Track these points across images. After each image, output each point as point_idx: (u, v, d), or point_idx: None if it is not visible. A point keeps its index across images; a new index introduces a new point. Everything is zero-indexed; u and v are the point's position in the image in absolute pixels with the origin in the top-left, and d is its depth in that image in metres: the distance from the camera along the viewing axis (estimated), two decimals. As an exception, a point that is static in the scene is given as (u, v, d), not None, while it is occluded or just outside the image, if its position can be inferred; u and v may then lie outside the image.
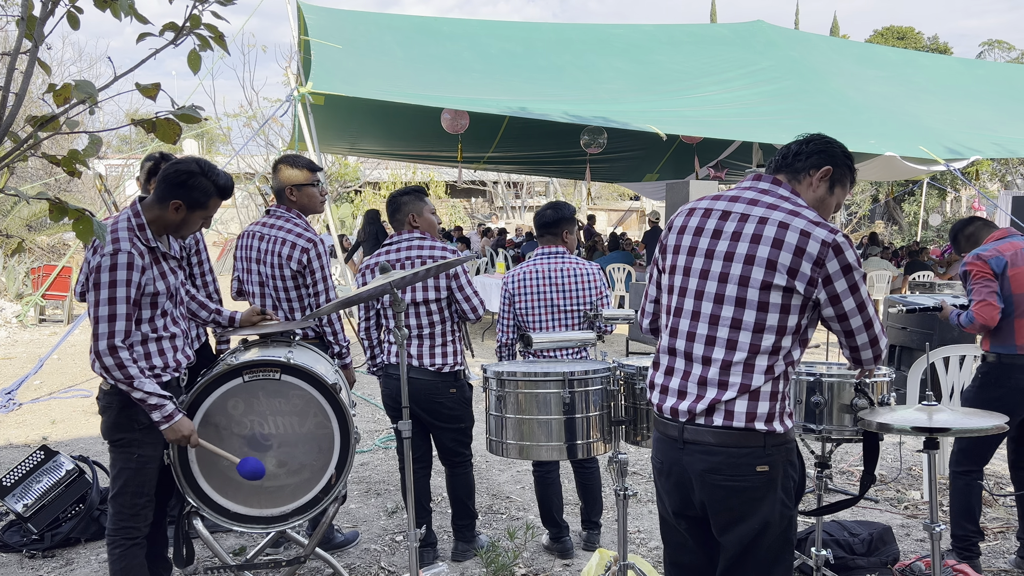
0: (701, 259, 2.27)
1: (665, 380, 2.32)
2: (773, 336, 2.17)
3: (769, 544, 2.22)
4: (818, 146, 2.33)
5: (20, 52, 1.81)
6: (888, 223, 27.47)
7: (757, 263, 2.17)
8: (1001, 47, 28.98)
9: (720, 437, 2.18)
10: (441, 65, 11.09)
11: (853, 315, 2.19)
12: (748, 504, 2.19)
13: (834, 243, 2.13)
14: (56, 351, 8.80)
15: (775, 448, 2.19)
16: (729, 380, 2.19)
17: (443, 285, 3.70)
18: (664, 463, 2.34)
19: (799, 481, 2.29)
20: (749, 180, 2.34)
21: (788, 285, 2.14)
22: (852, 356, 2.30)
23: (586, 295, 3.93)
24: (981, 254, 3.72)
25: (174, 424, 2.81)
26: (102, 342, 2.74)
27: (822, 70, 13.16)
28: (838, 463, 5.41)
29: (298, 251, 3.63)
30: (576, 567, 3.88)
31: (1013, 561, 3.89)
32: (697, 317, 2.26)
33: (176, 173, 2.89)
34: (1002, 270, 3.66)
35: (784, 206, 2.22)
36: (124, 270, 2.76)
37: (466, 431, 3.86)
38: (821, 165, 2.31)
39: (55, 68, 19.16)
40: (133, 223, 2.86)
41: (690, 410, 2.23)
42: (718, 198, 2.33)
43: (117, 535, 2.95)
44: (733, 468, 2.18)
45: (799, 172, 2.31)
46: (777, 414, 2.19)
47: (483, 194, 33.18)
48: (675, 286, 2.33)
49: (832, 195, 2.34)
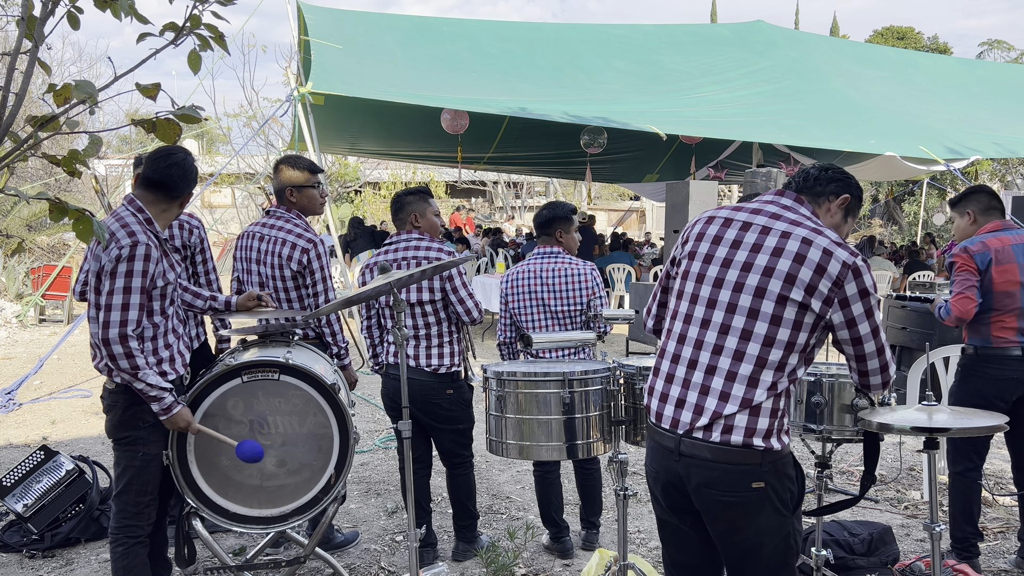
0: (717, 267, 2.27)
1: (665, 387, 2.31)
2: (781, 351, 2.16)
3: (770, 552, 2.23)
4: (837, 174, 2.39)
5: (20, 52, 1.81)
6: (888, 223, 27.48)
7: (776, 275, 2.17)
8: (1001, 47, 29.00)
9: (717, 453, 2.18)
10: (441, 65, 11.09)
11: (867, 340, 2.19)
12: (743, 517, 2.19)
13: (854, 266, 2.14)
14: (56, 351, 8.80)
15: (771, 464, 2.19)
16: (732, 392, 2.18)
17: (437, 287, 3.69)
18: (659, 472, 2.34)
19: (798, 491, 2.28)
20: (771, 195, 2.35)
21: (804, 301, 2.14)
22: (861, 380, 2.30)
23: (577, 296, 3.91)
24: (968, 247, 3.73)
25: (172, 416, 2.84)
26: (113, 330, 2.75)
27: (822, 70, 13.16)
28: (838, 463, 5.41)
29: (298, 251, 3.63)
30: (576, 567, 3.88)
31: (1013, 561, 3.89)
32: (707, 325, 2.25)
33: (189, 166, 2.97)
34: (986, 266, 3.68)
35: (807, 224, 2.23)
36: (141, 261, 2.79)
37: (465, 432, 3.86)
38: (840, 193, 2.36)
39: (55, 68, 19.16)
40: (139, 217, 2.89)
41: (690, 422, 2.22)
42: (739, 208, 2.34)
43: (120, 534, 2.96)
44: (728, 484, 2.18)
45: (819, 196, 2.35)
46: (775, 431, 2.19)
47: (483, 194, 33.18)
48: (686, 292, 2.33)
49: (846, 223, 2.40)
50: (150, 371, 2.80)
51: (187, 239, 3.74)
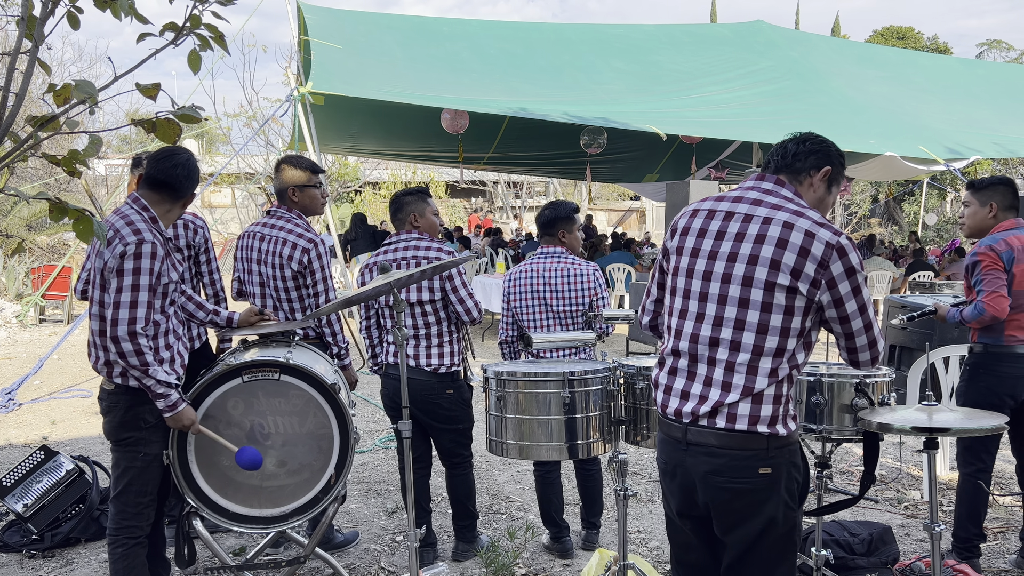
0: (704, 260, 2.27)
1: (669, 380, 2.32)
2: (777, 337, 2.16)
3: (771, 544, 2.22)
4: (815, 146, 2.33)
5: (20, 52, 1.81)
6: (888, 223, 27.47)
7: (760, 263, 2.16)
8: (1000, 47, 29.00)
9: (723, 439, 2.18)
10: (441, 65, 11.09)
11: (855, 317, 2.19)
12: (751, 506, 2.20)
13: (838, 245, 2.13)
14: (56, 351, 8.80)
15: (778, 450, 2.19)
16: (732, 382, 2.18)
17: (437, 286, 3.69)
18: (668, 463, 2.34)
19: (803, 482, 2.29)
20: (752, 180, 2.34)
21: (791, 285, 2.14)
22: (850, 357, 2.29)
23: (579, 295, 3.91)
24: (993, 246, 3.70)
25: (176, 413, 2.85)
26: (122, 327, 2.75)
27: (822, 70, 13.16)
28: (838, 463, 5.41)
29: (299, 251, 3.63)
30: (576, 567, 3.88)
31: (1013, 561, 3.89)
32: (701, 319, 2.25)
33: (192, 166, 2.99)
34: (1011, 264, 3.66)
35: (788, 207, 2.22)
36: (148, 259, 2.80)
37: (465, 432, 3.86)
38: (821, 166, 2.32)
39: (55, 68, 19.16)
40: (145, 216, 2.90)
41: (693, 412, 2.23)
42: (721, 199, 2.32)
43: (119, 534, 2.96)
44: (735, 470, 2.18)
45: (800, 173, 2.31)
46: (780, 417, 2.19)
47: (483, 194, 33.17)
48: (678, 287, 2.33)
49: (830, 194, 2.36)
50: (159, 368, 2.82)
51: (191, 239, 3.75)
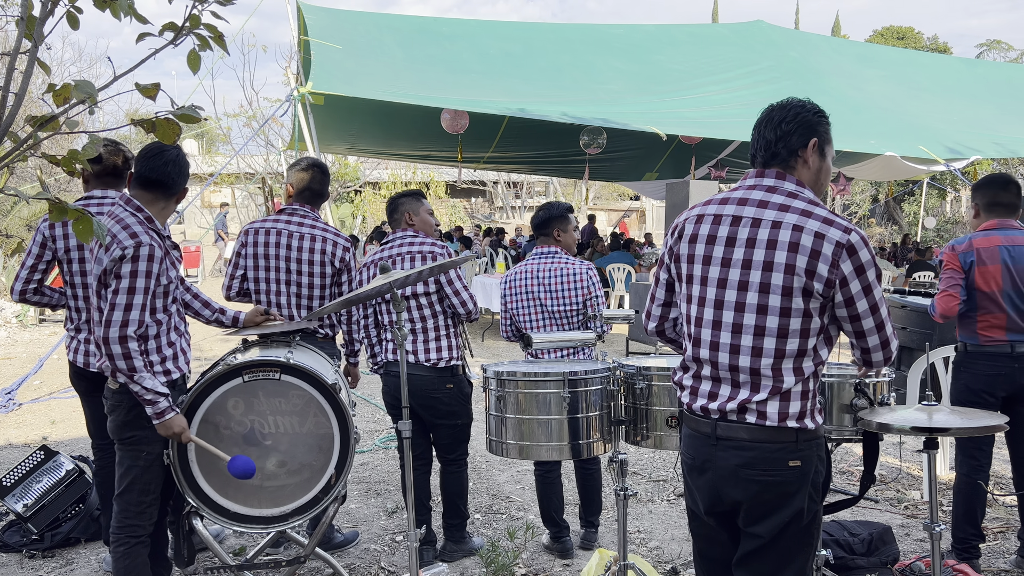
0: (718, 268, 2.25)
1: (695, 383, 2.32)
2: (798, 339, 2.16)
3: (793, 534, 2.23)
4: (791, 125, 2.25)
5: (20, 52, 1.81)
6: (888, 223, 27.47)
7: (776, 268, 2.15)
8: (1000, 47, 29.00)
9: (753, 433, 2.19)
10: (441, 65, 11.10)
11: (866, 316, 2.17)
12: (781, 498, 2.20)
13: (848, 243, 2.11)
14: (56, 351, 8.79)
15: (806, 443, 2.20)
16: (760, 383, 2.19)
17: (431, 279, 3.73)
18: (696, 459, 2.33)
19: (826, 476, 2.30)
20: (753, 178, 2.29)
21: (807, 288, 2.13)
22: (863, 357, 2.28)
23: (573, 295, 3.92)
24: (956, 246, 3.77)
25: (165, 421, 2.83)
26: (114, 330, 2.75)
27: (822, 70, 13.17)
28: (838, 463, 5.41)
29: (340, 249, 3.75)
30: (576, 567, 3.88)
31: (1013, 561, 3.89)
32: (719, 327, 2.24)
33: (183, 162, 2.98)
34: (969, 266, 3.71)
35: (795, 205, 2.18)
36: (146, 262, 2.80)
37: (463, 428, 3.87)
38: (807, 140, 2.25)
39: (55, 68, 19.15)
40: (139, 216, 2.88)
41: (721, 408, 2.23)
42: (725, 201, 2.28)
43: (122, 533, 2.96)
44: (767, 463, 2.19)
45: (790, 157, 2.25)
46: (808, 411, 2.20)
47: (483, 194, 33.19)
48: (693, 296, 2.31)
49: (825, 159, 2.29)
50: (146, 374, 2.79)
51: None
